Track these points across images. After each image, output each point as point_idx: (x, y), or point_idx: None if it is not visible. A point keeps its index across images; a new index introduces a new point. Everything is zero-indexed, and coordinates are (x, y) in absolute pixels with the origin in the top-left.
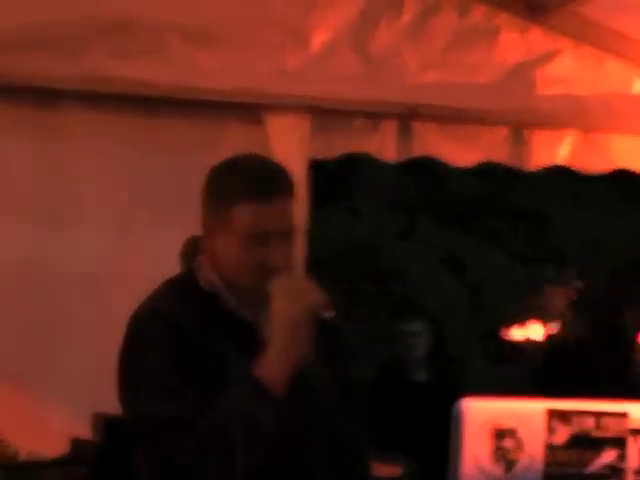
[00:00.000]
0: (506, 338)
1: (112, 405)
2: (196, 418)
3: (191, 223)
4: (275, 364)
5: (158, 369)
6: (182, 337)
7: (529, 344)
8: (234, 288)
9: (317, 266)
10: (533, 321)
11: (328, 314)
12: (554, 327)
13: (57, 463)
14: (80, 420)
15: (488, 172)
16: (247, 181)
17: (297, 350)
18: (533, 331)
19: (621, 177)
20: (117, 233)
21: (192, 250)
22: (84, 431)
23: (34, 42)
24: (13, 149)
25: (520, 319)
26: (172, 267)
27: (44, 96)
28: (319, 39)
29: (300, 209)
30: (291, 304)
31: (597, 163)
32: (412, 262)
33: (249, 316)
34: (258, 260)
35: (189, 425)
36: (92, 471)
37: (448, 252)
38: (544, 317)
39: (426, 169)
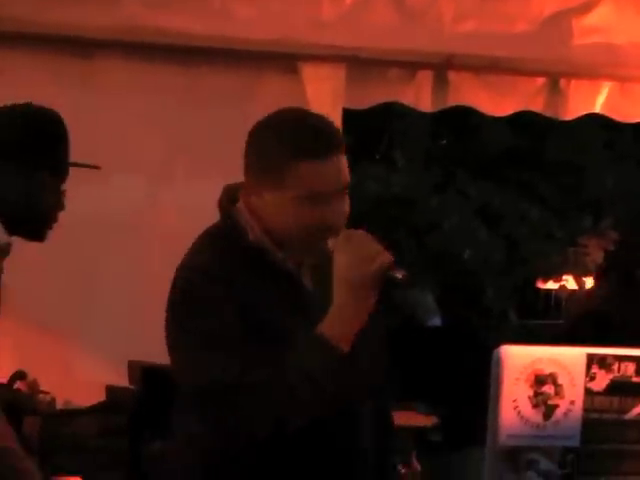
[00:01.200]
0: (542, 290)
1: (147, 353)
2: (251, 370)
3: (228, 174)
4: (341, 321)
5: (208, 322)
6: (232, 292)
7: (565, 297)
8: (280, 241)
9: (352, 219)
10: (569, 273)
11: (400, 274)
12: (590, 279)
13: (93, 411)
14: (116, 368)
15: (524, 123)
16: (301, 139)
17: (363, 308)
18: (569, 284)
19: None
20: (153, 184)
21: (231, 199)
22: (120, 379)
23: None
24: (48, 98)
25: (556, 271)
26: (208, 219)
27: (79, 46)
28: None
29: None
30: (357, 263)
31: (634, 113)
32: (448, 215)
33: (293, 268)
34: (315, 219)
35: (245, 377)
36: (129, 419)
37: (484, 204)
38: (580, 269)
39: (462, 120)
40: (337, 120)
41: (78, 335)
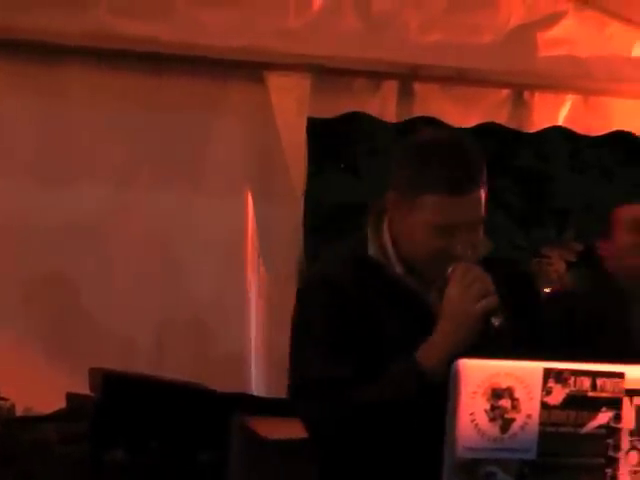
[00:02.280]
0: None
1: (108, 360)
2: (352, 387)
3: (193, 181)
4: (438, 349)
5: (324, 334)
6: (350, 302)
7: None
8: (405, 261)
9: (315, 226)
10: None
11: (496, 320)
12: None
13: (54, 418)
14: (77, 375)
15: (488, 133)
16: (440, 174)
17: (462, 340)
18: None
19: (620, 139)
20: (118, 189)
21: (378, 216)
22: (81, 386)
23: None
24: (15, 105)
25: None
26: (172, 224)
27: (47, 52)
28: None
29: (299, 168)
30: (465, 298)
31: (597, 126)
32: None
33: (416, 285)
34: (441, 248)
35: (343, 392)
36: (89, 426)
37: None
38: (543, 279)
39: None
40: (302, 129)
41: (39, 342)
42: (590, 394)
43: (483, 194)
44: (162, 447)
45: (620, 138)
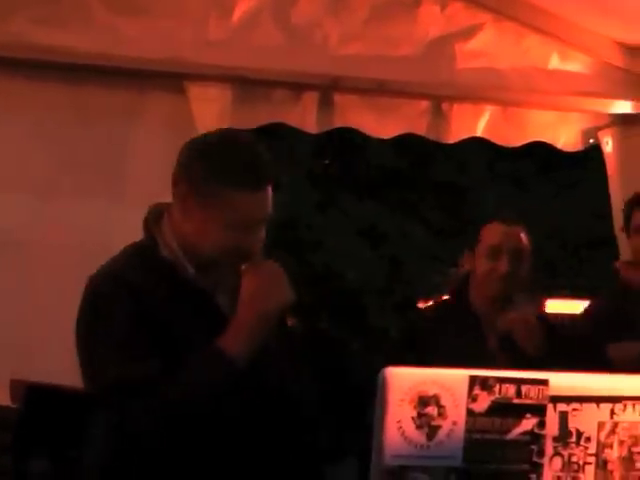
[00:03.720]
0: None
1: (30, 372)
2: (156, 383)
3: (114, 191)
4: (239, 338)
5: (119, 334)
6: (142, 302)
7: None
8: (199, 260)
9: None
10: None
11: (290, 319)
12: None
13: None
14: None
15: (407, 145)
16: (237, 170)
17: (261, 328)
18: None
19: (537, 151)
20: (38, 201)
21: (155, 217)
22: (2, 397)
23: None
24: None
25: (438, 291)
26: (94, 236)
27: None
28: (241, 9)
29: None
30: (263, 292)
31: (515, 137)
32: (331, 234)
33: (206, 285)
34: (236, 244)
35: (149, 390)
36: (15, 437)
37: (367, 224)
38: (459, 287)
39: (346, 141)
40: None
41: None
42: (515, 401)
43: (271, 193)
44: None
45: (536, 149)
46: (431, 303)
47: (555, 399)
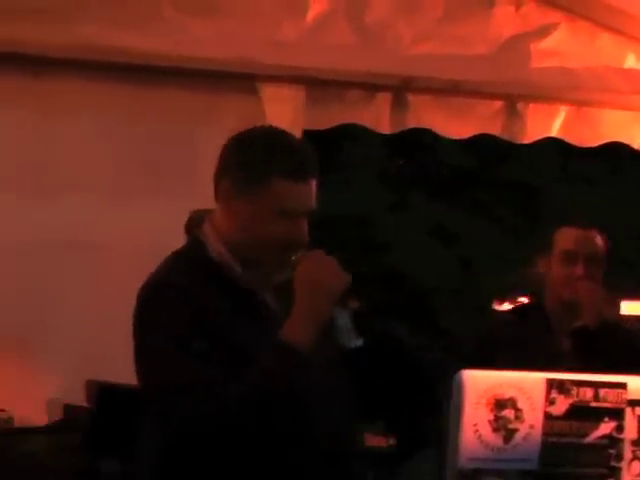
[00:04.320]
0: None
1: (105, 372)
2: (214, 382)
3: (183, 193)
4: (301, 327)
5: (174, 336)
6: (193, 304)
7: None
8: (245, 258)
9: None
10: (524, 295)
11: (353, 304)
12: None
13: (51, 429)
14: (73, 387)
15: (479, 144)
16: (287, 159)
17: (321, 315)
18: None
19: (611, 151)
20: (107, 203)
21: (197, 222)
22: (77, 398)
23: (26, 8)
24: (1, 117)
25: (511, 292)
26: (161, 235)
27: (34, 64)
28: (315, 10)
29: None
30: (316, 275)
31: (590, 137)
32: (402, 234)
33: (252, 284)
34: (286, 234)
35: (207, 390)
36: (84, 437)
37: (439, 224)
38: (535, 290)
39: (419, 142)
40: None
41: (38, 353)
42: (593, 404)
43: (317, 184)
44: None
45: (609, 148)
46: (509, 305)
47: (634, 402)
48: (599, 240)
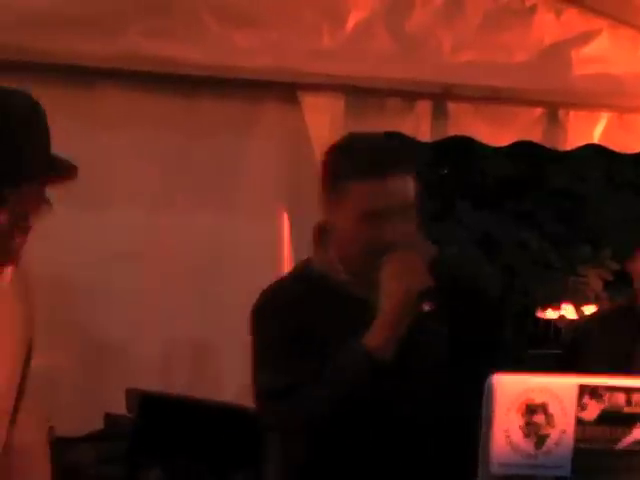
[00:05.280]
0: (540, 320)
1: (145, 381)
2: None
3: (227, 203)
4: (380, 332)
5: (277, 345)
6: (297, 315)
7: (564, 326)
8: (348, 265)
9: None
10: (568, 303)
11: (427, 305)
12: (589, 309)
13: (92, 439)
14: (114, 396)
15: (522, 152)
16: (358, 160)
17: (400, 318)
18: (568, 313)
19: None
20: (152, 213)
21: (320, 235)
22: (118, 407)
23: (70, 20)
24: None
25: (554, 301)
26: (207, 248)
27: (80, 75)
28: (354, 19)
29: None
30: (397, 276)
31: (633, 143)
32: (446, 243)
33: (361, 292)
34: (372, 236)
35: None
36: (127, 446)
37: (483, 233)
38: (579, 299)
39: (461, 150)
40: None
41: (78, 361)
42: (625, 410)
43: (410, 182)
44: (197, 467)
45: None
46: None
47: None
48: None
